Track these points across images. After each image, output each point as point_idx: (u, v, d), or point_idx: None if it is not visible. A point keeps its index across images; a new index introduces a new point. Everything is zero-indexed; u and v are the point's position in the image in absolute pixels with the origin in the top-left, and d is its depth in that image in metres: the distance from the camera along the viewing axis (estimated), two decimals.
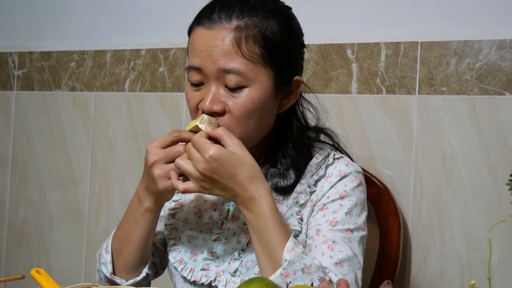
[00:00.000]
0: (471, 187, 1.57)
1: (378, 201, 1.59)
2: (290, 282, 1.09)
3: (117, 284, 1.25)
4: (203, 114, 1.16)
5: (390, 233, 1.57)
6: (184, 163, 1.14)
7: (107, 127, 2.10)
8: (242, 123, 1.17)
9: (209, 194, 1.17)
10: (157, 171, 1.17)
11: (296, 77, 1.23)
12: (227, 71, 1.15)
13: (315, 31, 1.73)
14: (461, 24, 1.60)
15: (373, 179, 1.61)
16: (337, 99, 1.72)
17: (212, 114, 1.17)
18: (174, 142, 1.19)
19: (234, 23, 1.16)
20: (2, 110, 2.31)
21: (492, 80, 1.55)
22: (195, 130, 1.16)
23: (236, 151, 1.12)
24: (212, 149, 1.10)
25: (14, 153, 2.28)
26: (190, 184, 1.14)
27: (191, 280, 1.27)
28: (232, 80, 1.15)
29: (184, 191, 1.15)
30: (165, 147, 1.18)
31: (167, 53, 2.00)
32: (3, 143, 2.30)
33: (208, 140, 1.12)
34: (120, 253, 1.27)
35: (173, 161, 1.17)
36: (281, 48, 1.19)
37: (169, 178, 1.16)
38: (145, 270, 1.28)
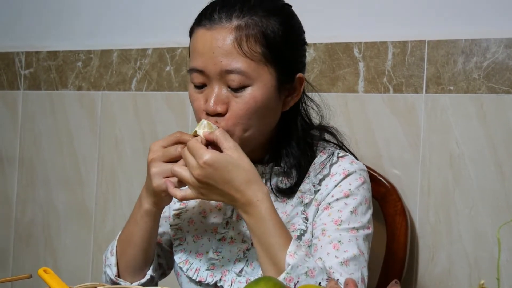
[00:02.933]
0: (478, 186, 1.56)
1: (385, 200, 1.59)
2: (295, 284, 1.08)
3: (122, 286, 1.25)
4: (203, 120, 1.16)
5: (397, 232, 1.56)
6: (180, 169, 1.13)
7: (114, 126, 2.10)
8: (244, 123, 1.17)
9: (207, 199, 1.17)
10: (154, 168, 1.17)
11: (299, 75, 1.23)
12: (229, 72, 1.15)
13: (322, 30, 1.73)
14: (469, 23, 1.60)
15: (380, 178, 1.60)
16: (344, 98, 1.71)
17: (216, 115, 1.17)
18: (176, 143, 1.18)
19: (235, 22, 1.15)
20: (9, 109, 2.31)
21: (500, 79, 1.55)
22: (196, 135, 1.16)
23: (232, 155, 1.11)
24: (206, 155, 1.10)
25: (21, 153, 2.29)
26: (187, 191, 1.14)
27: (197, 280, 1.26)
28: (234, 80, 1.15)
29: (182, 199, 1.15)
30: (166, 147, 1.18)
31: (173, 53, 2.00)
32: (10, 143, 2.31)
33: (202, 146, 1.12)
34: (123, 255, 1.27)
35: (171, 161, 1.17)
36: (282, 46, 1.18)
37: (165, 177, 1.16)
38: (149, 273, 1.28)
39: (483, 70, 1.56)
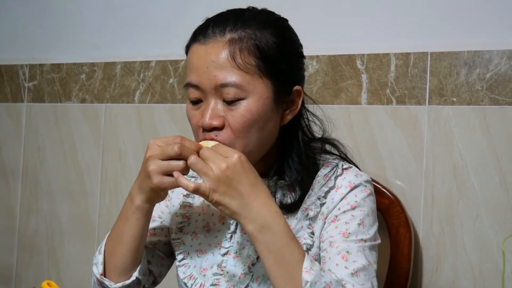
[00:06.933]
0: (482, 197, 1.56)
1: (389, 212, 1.58)
2: None
3: (106, 286, 1.23)
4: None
5: (401, 244, 1.56)
6: (198, 162, 1.11)
7: (117, 138, 2.10)
8: (242, 136, 1.16)
9: (217, 201, 1.10)
10: (152, 166, 1.14)
11: (296, 87, 1.22)
12: (224, 85, 1.15)
13: (324, 42, 1.73)
14: (471, 34, 1.60)
15: (384, 190, 1.60)
16: (347, 110, 1.72)
17: (212, 129, 1.16)
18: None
19: (228, 36, 1.16)
20: (13, 122, 2.32)
21: (502, 90, 1.55)
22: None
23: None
24: (238, 152, 1.11)
25: (24, 165, 2.29)
26: (201, 183, 1.10)
27: None
28: (229, 93, 1.15)
29: (195, 191, 1.10)
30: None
31: (176, 65, 2.00)
32: (14, 155, 2.31)
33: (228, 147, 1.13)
34: (112, 254, 1.25)
35: (167, 159, 1.14)
36: (277, 58, 1.18)
37: (164, 175, 1.13)
38: (135, 274, 1.25)
39: (486, 82, 1.57)
